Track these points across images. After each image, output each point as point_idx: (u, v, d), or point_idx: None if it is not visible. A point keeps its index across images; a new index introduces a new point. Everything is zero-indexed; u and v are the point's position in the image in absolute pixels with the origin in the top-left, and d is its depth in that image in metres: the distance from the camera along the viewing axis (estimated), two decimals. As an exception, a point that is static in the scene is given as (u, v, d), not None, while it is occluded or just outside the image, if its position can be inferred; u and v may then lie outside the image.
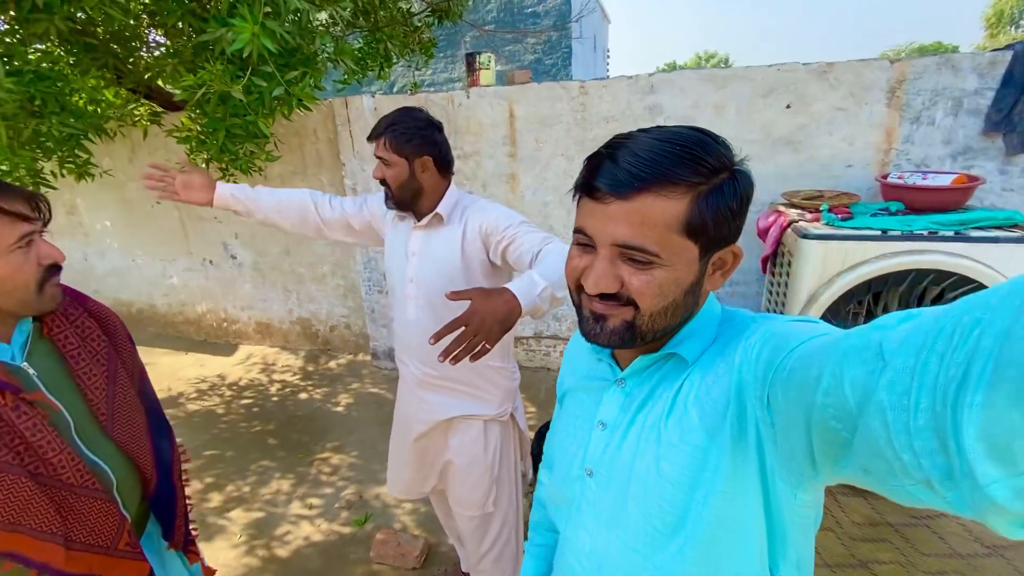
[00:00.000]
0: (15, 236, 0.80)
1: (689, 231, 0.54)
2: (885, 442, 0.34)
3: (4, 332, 0.86)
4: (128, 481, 0.99)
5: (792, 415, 0.46)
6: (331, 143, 3.42)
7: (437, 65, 10.74)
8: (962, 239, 1.86)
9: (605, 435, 0.68)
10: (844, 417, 0.39)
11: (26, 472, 0.82)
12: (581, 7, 9.62)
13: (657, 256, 0.55)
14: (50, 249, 0.87)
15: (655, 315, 0.58)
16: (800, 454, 0.47)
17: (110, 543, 0.92)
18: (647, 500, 0.62)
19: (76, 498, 0.88)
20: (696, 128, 0.56)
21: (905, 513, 2.09)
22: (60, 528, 0.85)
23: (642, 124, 2.87)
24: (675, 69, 2.86)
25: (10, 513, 0.81)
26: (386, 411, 3.19)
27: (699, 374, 0.60)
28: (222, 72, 2.29)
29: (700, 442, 0.58)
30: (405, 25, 3.62)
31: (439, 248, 1.39)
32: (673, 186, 0.53)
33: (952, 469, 0.31)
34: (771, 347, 0.52)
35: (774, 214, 2.39)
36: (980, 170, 2.49)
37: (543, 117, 2.98)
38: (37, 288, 0.84)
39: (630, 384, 0.66)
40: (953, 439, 0.30)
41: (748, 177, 0.57)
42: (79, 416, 0.93)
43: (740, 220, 0.57)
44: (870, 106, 2.55)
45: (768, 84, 2.63)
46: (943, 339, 0.32)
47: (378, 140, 1.33)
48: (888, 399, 0.34)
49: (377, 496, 2.44)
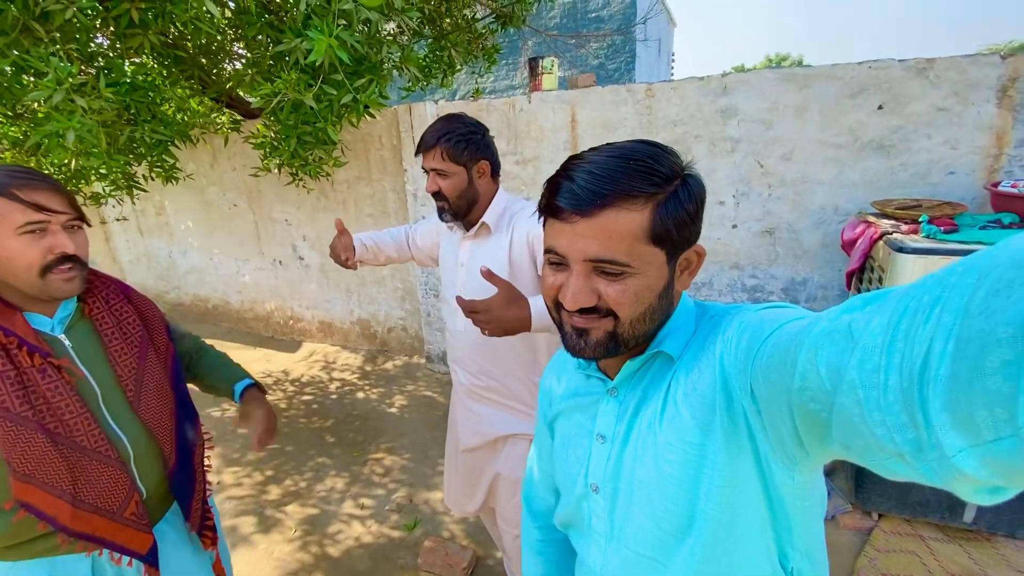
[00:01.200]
0: (22, 221, 0.87)
1: (654, 239, 0.57)
2: (859, 419, 0.36)
3: (47, 309, 0.97)
4: (147, 458, 1.05)
5: (775, 401, 0.48)
6: (395, 149, 3.50)
7: (499, 72, 10.84)
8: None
9: (605, 448, 0.68)
10: (821, 398, 0.40)
11: (43, 429, 0.89)
12: (646, 10, 9.42)
13: (628, 266, 0.58)
14: (62, 241, 0.92)
15: (635, 322, 0.60)
16: (788, 437, 0.48)
17: (116, 509, 0.97)
18: (653, 504, 0.63)
19: (89, 461, 0.94)
20: (643, 141, 0.60)
21: (1009, 566, 1.83)
22: (69, 487, 0.91)
23: (713, 127, 2.74)
24: (743, 71, 2.70)
25: (25, 465, 0.87)
26: (438, 415, 3.19)
27: (684, 371, 0.61)
28: (295, 81, 2.38)
29: (695, 438, 0.59)
30: (469, 32, 3.65)
31: (487, 259, 1.35)
32: (632, 199, 0.56)
33: (921, 442, 0.32)
34: (748, 336, 0.54)
35: (862, 224, 2.18)
36: (1115, 178, 2.16)
37: (606, 121, 2.89)
38: (39, 273, 0.90)
39: (622, 392, 0.67)
40: (921, 413, 0.31)
41: (698, 180, 0.60)
42: (107, 389, 1.01)
43: (698, 222, 0.61)
44: (977, 106, 2.28)
45: (857, 83, 2.41)
46: (907, 318, 0.33)
47: (430, 152, 1.29)
48: (859, 377, 0.35)
49: (426, 501, 2.43)
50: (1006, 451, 0.28)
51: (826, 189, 2.58)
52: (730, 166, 2.73)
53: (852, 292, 2.31)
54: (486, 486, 1.55)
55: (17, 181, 0.88)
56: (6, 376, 0.88)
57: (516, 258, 1.33)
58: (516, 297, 1.11)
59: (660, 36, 13.58)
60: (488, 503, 1.59)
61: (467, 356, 1.46)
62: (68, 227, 0.94)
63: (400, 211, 3.66)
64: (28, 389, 0.89)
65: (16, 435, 0.87)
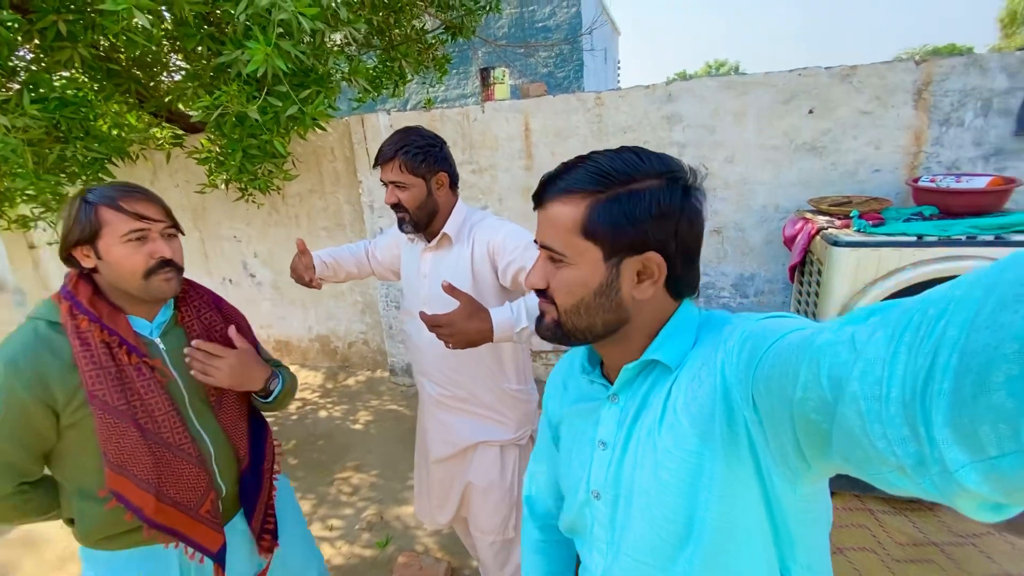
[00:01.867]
0: (126, 230, 0.97)
1: (586, 233, 0.60)
2: (860, 431, 0.36)
3: (148, 312, 1.07)
4: (225, 459, 1.12)
5: (777, 411, 0.47)
6: (348, 161, 3.44)
7: (450, 81, 10.86)
8: (1003, 243, 1.78)
9: (606, 454, 0.69)
10: (823, 409, 0.40)
11: (135, 423, 0.97)
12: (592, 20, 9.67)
13: (564, 256, 0.62)
14: (161, 247, 1.01)
15: (569, 312, 0.64)
16: (790, 449, 0.48)
17: (194, 505, 1.04)
18: (652, 512, 0.63)
19: (173, 457, 1.01)
20: (632, 148, 0.62)
21: (950, 532, 1.98)
22: (154, 480, 0.99)
23: (660, 133, 2.85)
24: (686, 78, 2.83)
25: (119, 455, 0.96)
26: (405, 428, 3.15)
27: (685, 379, 0.61)
28: (237, 93, 2.32)
29: (693, 447, 0.58)
30: (419, 43, 3.65)
31: (449, 269, 1.36)
32: (570, 194, 0.61)
33: (923, 456, 0.32)
34: (750, 346, 0.54)
35: (801, 221, 2.33)
36: (1014, 171, 2.40)
37: (559, 129, 2.96)
38: (144, 275, 1.00)
39: (622, 398, 0.68)
40: (923, 426, 0.31)
41: (667, 193, 0.59)
42: (194, 392, 1.09)
43: (648, 229, 0.60)
44: (896, 109, 2.48)
45: (789, 90, 2.58)
46: (911, 330, 0.33)
47: (388, 164, 1.30)
48: (861, 389, 0.35)
49: (398, 517, 2.39)
50: (1010, 467, 0.28)
51: (766, 189, 2.73)
52: (678, 170, 2.84)
53: (795, 285, 2.45)
54: (458, 496, 1.54)
55: (122, 194, 0.98)
56: (108, 371, 0.96)
57: (478, 268, 1.34)
58: (477, 309, 1.14)
59: (606, 45, 13.97)
60: (460, 512, 1.59)
61: (433, 367, 1.46)
62: (165, 234, 1.03)
63: (356, 223, 3.61)
64: (125, 385, 0.97)
65: (113, 426, 0.95)
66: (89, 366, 0.94)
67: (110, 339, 0.98)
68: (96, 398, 0.94)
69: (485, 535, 1.50)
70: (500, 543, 1.51)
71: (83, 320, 0.97)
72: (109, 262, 0.98)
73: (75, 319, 0.96)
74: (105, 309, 1.00)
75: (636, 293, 0.62)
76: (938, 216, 2.04)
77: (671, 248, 0.61)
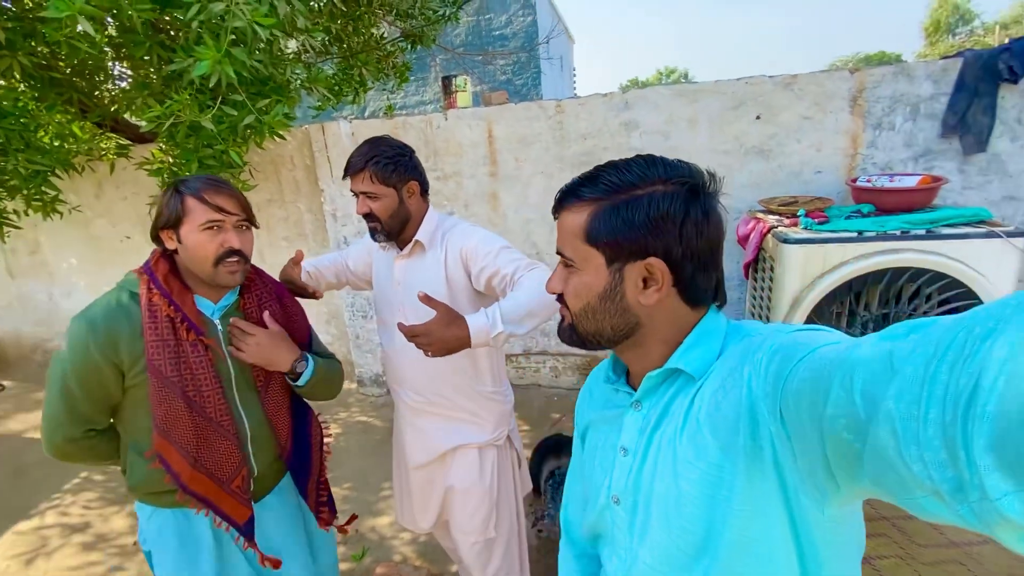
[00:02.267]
0: (205, 219, 1.07)
1: (588, 239, 0.62)
2: (895, 453, 0.34)
3: (214, 296, 1.17)
4: (262, 441, 1.21)
5: (806, 428, 0.46)
6: (309, 170, 3.39)
7: (409, 88, 10.81)
8: (933, 237, 1.94)
9: (627, 460, 0.69)
10: (855, 428, 0.38)
11: (183, 394, 1.07)
12: (548, 28, 9.86)
13: (572, 261, 0.65)
14: (232, 238, 1.10)
15: (579, 316, 0.66)
16: (819, 468, 0.46)
17: (226, 479, 1.13)
18: (670, 521, 0.62)
19: (212, 430, 1.11)
20: (646, 156, 0.63)
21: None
22: (193, 450, 1.09)
23: (619, 140, 2.94)
24: (638, 85, 2.94)
25: (166, 422, 1.06)
26: (376, 439, 3.11)
27: (709, 389, 0.60)
28: (190, 102, 2.25)
29: (714, 459, 0.57)
30: (379, 50, 3.64)
31: (423, 276, 1.37)
32: (579, 201, 0.63)
33: (962, 482, 0.30)
34: (779, 359, 0.52)
35: (752, 221, 2.45)
36: (940, 170, 2.61)
37: (522, 136, 3.01)
38: (214, 263, 1.09)
39: (645, 405, 0.68)
40: (963, 450, 0.30)
41: (668, 198, 0.59)
42: (241, 374, 1.18)
43: (647, 235, 0.60)
44: (834, 114, 2.66)
45: (737, 97, 2.72)
46: (954, 349, 0.31)
47: (359, 175, 1.30)
48: (897, 409, 0.34)
49: (373, 528, 2.36)
50: None
51: (721, 191, 2.87)
52: (637, 174, 2.95)
53: (749, 281, 2.58)
54: (439, 501, 1.55)
55: (207, 187, 1.08)
56: (167, 344, 1.06)
57: (452, 274, 1.36)
58: (454, 317, 1.16)
59: (561, 53, 14.24)
60: (442, 516, 1.59)
61: (408, 374, 1.46)
62: (238, 227, 1.12)
63: (319, 233, 3.55)
64: (180, 359, 1.08)
65: (164, 394, 1.05)
66: (152, 337, 1.05)
67: (175, 315, 1.08)
68: (153, 366, 1.05)
69: (467, 536, 1.52)
70: (482, 544, 1.52)
71: (156, 295, 1.08)
72: (188, 246, 1.08)
73: (150, 292, 1.08)
74: (177, 287, 1.10)
75: (642, 298, 0.62)
76: (875, 213, 2.20)
77: (676, 253, 0.60)
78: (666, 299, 0.63)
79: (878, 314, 2.06)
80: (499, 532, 1.53)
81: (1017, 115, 2.50)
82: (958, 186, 2.63)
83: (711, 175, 0.62)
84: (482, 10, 10.35)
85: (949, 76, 2.50)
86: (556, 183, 3.06)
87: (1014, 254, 1.88)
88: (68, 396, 1.06)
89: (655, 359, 0.66)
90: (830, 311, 2.06)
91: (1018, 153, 2.55)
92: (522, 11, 10.31)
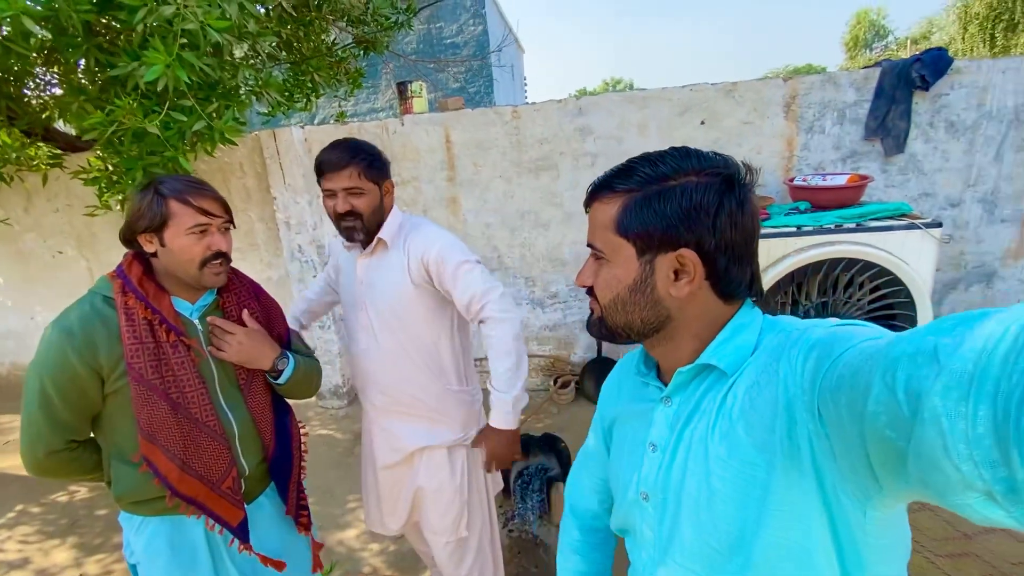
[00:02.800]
0: (192, 223, 1.06)
1: (619, 230, 0.61)
2: (942, 452, 0.33)
3: (191, 296, 1.15)
4: (249, 439, 1.20)
5: (846, 426, 0.44)
6: (260, 177, 3.30)
7: (360, 95, 10.66)
8: (863, 230, 2.11)
9: (657, 456, 0.67)
10: (899, 426, 0.37)
11: (166, 397, 1.05)
12: (500, 37, 9.99)
13: (603, 253, 0.64)
14: (218, 241, 1.10)
15: (608, 308, 0.65)
16: (861, 467, 0.45)
17: (216, 480, 1.12)
18: (701, 519, 0.61)
19: (199, 432, 1.09)
20: (678, 148, 0.62)
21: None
22: (180, 452, 1.07)
23: (574, 144, 3.03)
24: (587, 95, 3.05)
25: (150, 425, 1.04)
26: (338, 452, 3.04)
27: (743, 386, 0.58)
28: (135, 108, 2.16)
29: (748, 457, 0.56)
30: (330, 56, 3.60)
31: (386, 275, 1.38)
32: (611, 192, 0.62)
33: (1016, 482, 0.29)
34: (816, 355, 0.50)
35: (702, 220, 2.58)
36: (866, 170, 2.84)
37: (479, 141, 3.05)
38: (199, 266, 1.08)
39: (676, 401, 0.66)
40: (1017, 449, 0.28)
41: (702, 189, 0.58)
42: (224, 373, 1.17)
43: (680, 226, 0.58)
44: (771, 119, 2.85)
45: (683, 103, 2.87)
46: (1007, 342, 0.30)
47: (342, 171, 1.28)
48: (943, 406, 0.32)
49: (340, 542, 2.31)
50: None
51: (671, 192, 3.01)
52: (592, 178, 3.01)
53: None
54: (408, 502, 1.54)
55: (191, 190, 1.07)
56: (147, 347, 1.04)
57: (415, 276, 1.36)
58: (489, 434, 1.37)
59: (512, 62, 14.44)
60: (412, 518, 1.59)
61: (372, 375, 1.46)
62: (222, 229, 1.12)
63: (271, 242, 3.45)
64: (161, 361, 1.06)
65: (146, 398, 1.04)
66: (130, 340, 1.03)
67: (152, 317, 1.06)
68: (133, 369, 1.03)
69: (439, 536, 1.52)
70: (454, 543, 1.53)
71: (131, 298, 1.06)
72: (171, 250, 1.07)
73: (124, 296, 1.05)
74: (152, 289, 1.09)
75: (673, 291, 0.61)
76: (811, 209, 2.38)
77: (708, 245, 0.58)
78: (698, 292, 0.61)
79: (818, 302, 2.22)
80: (471, 531, 1.54)
81: (929, 119, 2.76)
82: (881, 184, 2.87)
83: (747, 167, 0.60)
84: (433, 19, 10.38)
85: (870, 84, 2.74)
86: (515, 187, 3.11)
87: (931, 243, 2.08)
88: (48, 407, 1.03)
89: (686, 354, 0.64)
90: (775, 301, 2.20)
91: (931, 154, 2.82)
92: (472, 20, 10.41)
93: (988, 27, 13.38)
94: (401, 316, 1.38)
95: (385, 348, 1.41)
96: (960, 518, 1.79)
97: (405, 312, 1.38)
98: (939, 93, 2.72)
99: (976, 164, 2.82)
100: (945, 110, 2.74)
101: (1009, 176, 2.82)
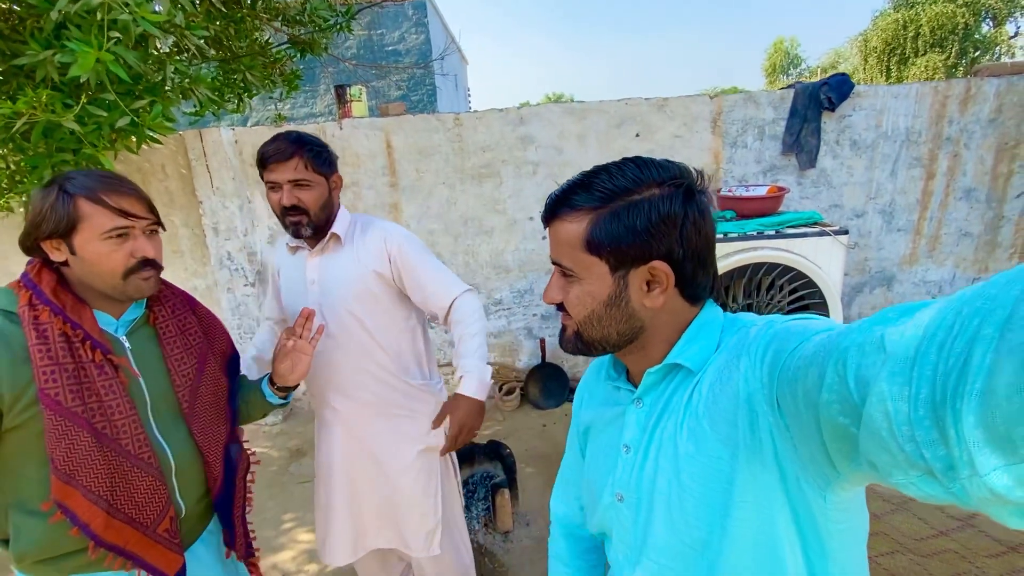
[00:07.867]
0: (109, 226, 0.90)
1: (590, 248, 0.60)
2: (888, 433, 0.35)
3: (115, 310, 0.99)
4: (190, 473, 1.03)
5: (803, 416, 0.47)
6: (184, 180, 3.11)
7: (297, 99, 10.30)
8: (781, 236, 2.29)
9: (630, 457, 0.68)
10: (849, 411, 0.39)
11: (90, 427, 0.88)
12: (443, 47, 10.01)
13: (572, 271, 0.63)
14: (143, 246, 0.94)
15: (583, 324, 0.64)
16: (819, 455, 0.47)
17: (150, 523, 0.95)
18: (673, 516, 0.62)
19: (130, 467, 0.92)
20: (632, 158, 0.62)
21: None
22: (107, 493, 0.90)
23: (516, 153, 3.09)
24: (527, 106, 3.14)
25: (68, 463, 0.86)
26: (271, 471, 2.89)
27: (706, 382, 0.60)
28: (46, 100, 1.98)
29: (715, 452, 0.58)
30: (264, 56, 3.46)
31: (342, 272, 1.32)
32: (574, 211, 0.61)
33: (953, 459, 0.31)
34: (773, 349, 0.53)
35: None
36: (783, 182, 3.09)
37: (422, 147, 3.04)
38: (123, 276, 0.93)
39: (646, 402, 0.67)
40: (953, 428, 0.30)
41: (667, 201, 0.59)
42: (159, 397, 1.01)
43: (650, 239, 0.59)
44: (699, 134, 3.03)
45: (619, 116, 2.99)
46: (943, 329, 0.32)
47: (288, 162, 1.21)
48: (889, 389, 0.34)
49: (275, 565, 2.19)
50: None
51: (609, 201, 3.12)
52: (534, 186, 3.11)
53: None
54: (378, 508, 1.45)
55: (105, 186, 0.90)
56: (64, 368, 0.87)
57: (378, 267, 1.31)
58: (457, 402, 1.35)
59: (456, 72, 14.50)
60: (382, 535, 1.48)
61: (330, 379, 1.37)
62: (147, 232, 0.96)
63: (197, 248, 3.25)
64: (83, 385, 0.89)
65: (64, 430, 0.86)
66: (44, 361, 0.86)
67: (72, 333, 0.90)
68: (48, 397, 0.86)
69: (413, 552, 1.45)
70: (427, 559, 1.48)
71: (44, 311, 0.89)
72: (84, 258, 0.90)
73: (34, 309, 0.89)
74: (69, 300, 0.92)
75: (647, 302, 0.62)
76: (736, 218, 2.54)
77: (677, 254, 0.60)
78: (669, 300, 0.62)
79: (744, 304, 2.37)
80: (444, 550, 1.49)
81: (836, 137, 3.04)
82: (797, 196, 3.12)
83: (699, 173, 0.62)
84: (374, 25, 10.24)
85: (786, 103, 2.99)
86: (458, 194, 3.12)
87: (840, 248, 2.28)
88: None
89: (657, 357, 0.65)
90: (706, 304, 2.33)
91: (839, 169, 3.10)
92: (415, 29, 10.37)
93: (884, 59, 15.12)
94: (360, 313, 1.32)
95: (344, 349, 1.33)
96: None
97: (365, 308, 1.32)
98: (843, 114, 3.01)
99: (875, 179, 3.13)
100: (849, 130, 3.04)
101: (903, 190, 3.15)
